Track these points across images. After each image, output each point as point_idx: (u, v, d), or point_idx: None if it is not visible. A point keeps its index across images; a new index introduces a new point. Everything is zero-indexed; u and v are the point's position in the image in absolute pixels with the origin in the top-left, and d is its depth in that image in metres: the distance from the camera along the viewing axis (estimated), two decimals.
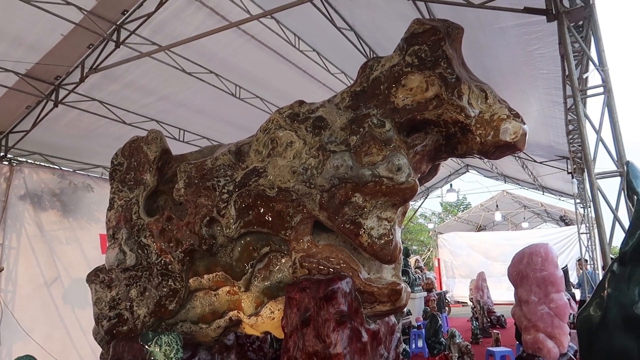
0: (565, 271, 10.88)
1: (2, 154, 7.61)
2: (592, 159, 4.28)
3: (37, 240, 7.51)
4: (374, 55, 6.92)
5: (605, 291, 2.22)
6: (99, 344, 4.67)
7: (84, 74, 6.81)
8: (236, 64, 7.86)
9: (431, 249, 27.43)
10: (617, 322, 2.14)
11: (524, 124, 3.33)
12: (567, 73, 5.72)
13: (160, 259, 4.07)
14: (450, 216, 31.45)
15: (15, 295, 7.09)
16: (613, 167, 4.31)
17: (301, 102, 3.85)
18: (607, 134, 4.48)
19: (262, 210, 3.66)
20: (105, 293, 4.54)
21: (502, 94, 3.58)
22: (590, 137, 4.40)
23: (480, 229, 26.63)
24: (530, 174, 16.32)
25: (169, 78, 7.64)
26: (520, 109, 3.59)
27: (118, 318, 4.35)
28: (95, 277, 4.65)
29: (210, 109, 8.91)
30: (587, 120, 4.44)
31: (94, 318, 4.57)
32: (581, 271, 12.34)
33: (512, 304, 5.79)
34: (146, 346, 3.27)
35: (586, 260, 12.81)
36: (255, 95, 8.76)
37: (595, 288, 2.30)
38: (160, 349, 3.23)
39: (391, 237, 3.37)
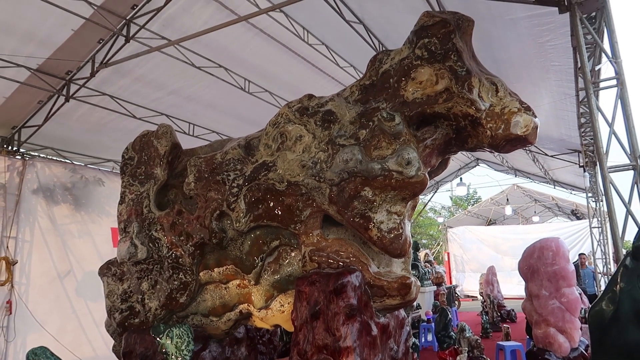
0: (577, 266, 10.79)
1: (15, 148, 7.69)
2: (604, 152, 4.23)
3: (50, 234, 7.60)
4: (384, 49, 6.88)
5: (618, 285, 2.20)
6: (112, 336, 4.72)
7: (95, 69, 6.85)
8: (245, 58, 7.86)
9: (441, 243, 27.36)
10: (630, 316, 2.12)
11: (535, 117, 3.30)
12: (579, 65, 5.65)
13: (171, 252, 4.10)
14: (460, 210, 31.31)
15: (29, 288, 7.18)
16: (626, 161, 4.26)
17: (310, 96, 3.85)
18: (620, 127, 4.42)
19: (271, 204, 3.67)
20: (117, 286, 4.58)
21: (513, 87, 3.54)
22: (603, 130, 4.35)
23: (490, 223, 26.50)
24: (541, 167, 16.19)
25: (179, 72, 7.66)
26: (532, 101, 3.55)
27: (130, 310, 4.40)
28: (107, 270, 4.69)
29: (219, 103, 8.93)
30: (599, 113, 4.39)
31: (107, 310, 4.62)
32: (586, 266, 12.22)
33: (522, 299, 5.76)
34: (158, 338, 3.30)
35: (583, 254, 12.69)
36: (264, 89, 8.76)
37: (607, 282, 2.28)
38: (171, 341, 3.26)
39: (401, 231, 3.37)
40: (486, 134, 3.33)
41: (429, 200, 22.97)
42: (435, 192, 21.24)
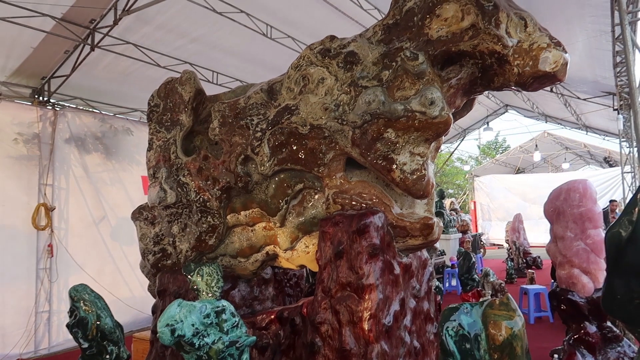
0: (606, 212, 10.64)
1: (45, 98, 7.86)
2: (637, 85, 4.04)
3: (84, 182, 7.88)
4: None
5: (637, 207, 2.17)
6: (146, 276, 4.97)
7: (117, 17, 6.83)
8: (266, 2, 7.70)
9: (467, 192, 27.20)
10: None
11: (565, 52, 3.18)
12: None
13: (198, 196, 4.22)
14: (487, 159, 30.83)
15: (68, 233, 7.54)
16: None
17: (332, 38, 3.78)
18: None
19: (295, 147, 3.71)
20: (149, 229, 4.78)
21: (545, 25, 3.39)
22: (638, 63, 4.13)
23: (518, 171, 26.11)
24: (573, 112, 15.65)
25: (200, 19, 7.57)
26: (565, 40, 3.40)
27: (162, 252, 4.60)
28: (139, 214, 4.88)
29: (242, 50, 8.84)
30: (634, 45, 4.16)
31: (140, 253, 4.84)
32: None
33: None
34: (189, 276, 3.46)
35: (615, 201, 12.47)
36: (286, 35, 8.60)
37: (626, 205, 2.25)
38: (202, 279, 3.42)
39: (424, 172, 3.37)
40: (513, 72, 3.24)
41: (456, 149, 22.62)
42: (462, 140, 20.87)
